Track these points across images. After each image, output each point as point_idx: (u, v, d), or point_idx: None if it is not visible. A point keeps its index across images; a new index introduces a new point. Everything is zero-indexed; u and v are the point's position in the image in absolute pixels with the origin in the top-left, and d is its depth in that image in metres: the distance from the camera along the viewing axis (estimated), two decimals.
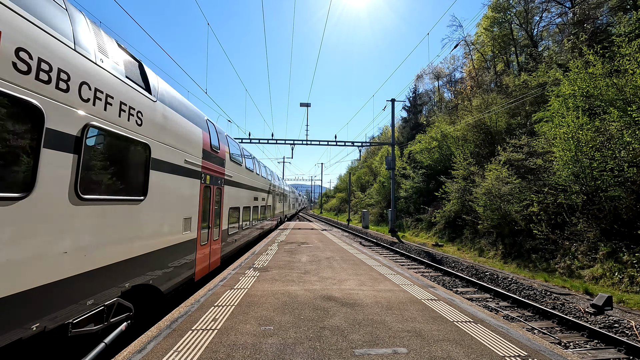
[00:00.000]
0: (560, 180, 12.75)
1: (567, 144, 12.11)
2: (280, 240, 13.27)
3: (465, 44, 38.26)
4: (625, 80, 11.18)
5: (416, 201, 27.65)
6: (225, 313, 4.40)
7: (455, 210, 19.40)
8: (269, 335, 3.68)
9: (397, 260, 13.81)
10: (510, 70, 31.01)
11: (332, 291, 5.62)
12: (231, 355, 3.20)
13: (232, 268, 7.42)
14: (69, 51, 3.29)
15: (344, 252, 10.27)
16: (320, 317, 4.30)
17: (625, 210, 10.59)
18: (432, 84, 49.05)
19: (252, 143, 25.83)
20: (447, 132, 25.66)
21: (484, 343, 3.60)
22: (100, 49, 3.92)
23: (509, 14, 30.82)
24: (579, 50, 18.11)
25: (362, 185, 54.70)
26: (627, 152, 10.86)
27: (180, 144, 5.84)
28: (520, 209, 14.23)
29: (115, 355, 3.23)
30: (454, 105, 36.43)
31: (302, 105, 28.64)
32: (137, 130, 4.46)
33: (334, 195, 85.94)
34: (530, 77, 21.33)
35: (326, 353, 3.27)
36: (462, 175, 20.02)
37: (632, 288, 8.77)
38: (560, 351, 3.47)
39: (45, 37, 3.01)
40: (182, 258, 5.92)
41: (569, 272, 10.71)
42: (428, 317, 4.39)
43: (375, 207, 37.77)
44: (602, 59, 12.83)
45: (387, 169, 28.38)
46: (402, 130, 45.72)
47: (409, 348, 3.42)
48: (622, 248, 9.95)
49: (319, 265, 7.93)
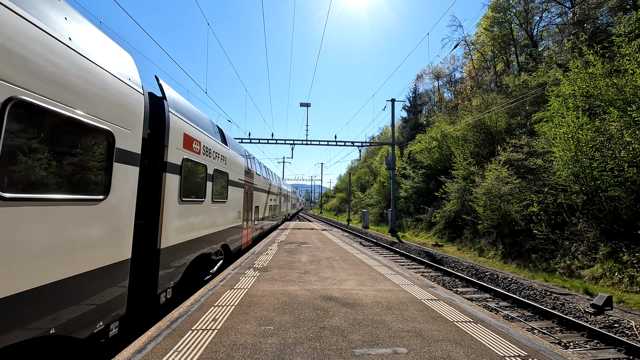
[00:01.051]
0: (560, 180, 12.75)
1: (567, 144, 12.11)
2: (280, 240, 13.27)
3: (465, 44, 38.28)
4: (625, 80, 11.18)
5: (416, 201, 27.65)
6: (225, 313, 4.40)
7: (455, 210, 19.40)
8: (269, 335, 3.68)
9: (397, 260, 13.81)
10: (510, 70, 31.01)
11: (332, 291, 5.62)
12: (231, 355, 3.20)
13: (232, 268, 7.42)
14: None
15: (344, 252, 10.26)
16: (320, 317, 4.30)
17: (625, 210, 10.59)
18: (432, 84, 49.11)
19: (252, 143, 25.81)
20: (447, 132, 25.66)
21: (484, 343, 3.60)
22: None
23: (509, 14, 30.82)
24: (579, 50, 18.12)
25: (362, 185, 54.69)
26: (627, 152, 10.86)
27: (237, 169, 9.80)
28: (520, 209, 14.23)
29: (116, 355, 3.23)
30: (454, 105, 36.44)
31: (302, 105, 28.64)
32: (224, 168, 8.19)
33: (334, 195, 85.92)
34: (530, 77, 21.33)
35: (326, 353, 3.27)
36: (462, 175, 20.02)
37: (632, 288, 8.77)
38: (560, 351, 3.47)
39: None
40: (237, 234, 9.84)
41: (569, 272, 10.71)
42: (428, 317, 4.39)
43: (375, 207, 37.77)
44: (602, 59, 12.83)
45: (387, 169, 28.39)
46: (402, 130, 45.72)
47: (409, 348, 3.42)
48: (622, 248, 9.95)
49: (319, 265, 7.93)
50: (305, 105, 28.45)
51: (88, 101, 3.17)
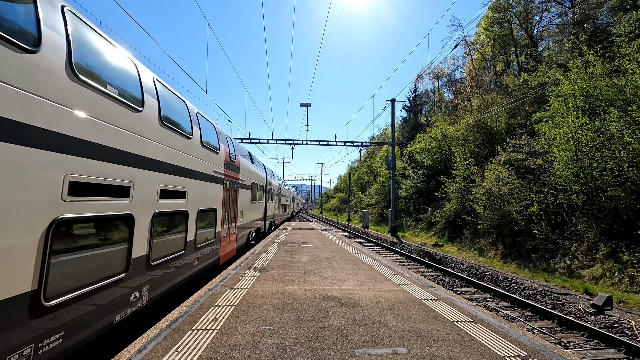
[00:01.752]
0: (560, 180, 12.74)
1: (567, 144, 12.10)
2: (280, 240, 13.27)
3: (465, 44, 38.26)
4: (625, 80, 11.18)
5: (416, 201, 27.64)
6: (225, 313, 4.40)
7: (455, 210, 19.39)
8: (269, 335, 3.68)
9: (397, 260, 13.81)
10: (510, 70, 30.99)
11: (332, 291, 5.62)
12: (231, 356, 3.20)
13: (232, 268, 7.42)
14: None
15: (344, 252, 10.27)
16: (320, 317, 4.30)
17: (625, 210, 10.59)
18: (432, 84, 49.09)
19: (252, 143, 25.82)
20: (447, 132, 25.64)
21: (484, 343, 3.60)
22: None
23: (509, 14, 30.80)
24: (579, 50, 18.11)
25: (362, 185, 54.67)
26: (627, 152, 10.85)
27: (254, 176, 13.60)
28: (520, 209, 14.23)
29: (116, 355, 3.23)
30: (454, 105, 36.44)
31: (302, 105, 28.63)
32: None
33: (334, 195, 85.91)
34: (530, 77, 21.32)
35: (326, 353, 3.27)
36: (462, 175, 20.01)
37: (632, 288, 8.77)
38: (560, 351, 3.47)
39: None
40: (260, 223, 13.41)
41: (569, 272, 10.71)
42: (428, 317, 4.39)
43: (375, 207, 37.76)
44: (602, 59, 12.83)
45: (387, 169, 28.38)
46: (402, 130, 45.71)
47: (409, 348, 3.42)
48: (622, 248, 9.94)
49: (319, 265, 7.93)
50: (305, 105, 28.44)
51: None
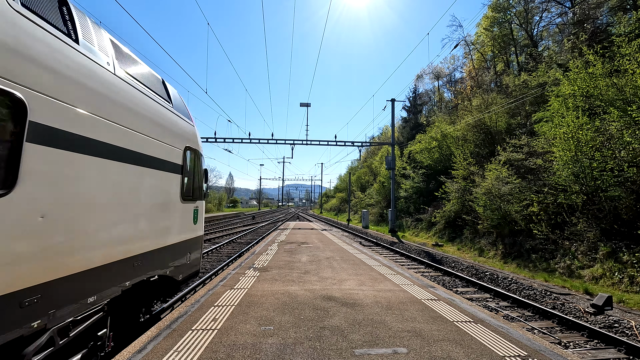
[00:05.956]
0: (560, 180, 12.74)
1: (567, 144, 12.10)
2: (280, 240, 13.27)
3: (465, 44, 38.23)
4: (625, 80, 11.17)
5: (416, 201, 27.64)
6: (225, 313, 4.40)
7: (455, 210, 19.38)
8: (269, 335, 3.68)
9: (397, 260, 13.80)
10: (510, 70, 30.99)
11: (332, 291, 5.62)
12: (231, 355, 3.20)
13: (232, 268, 7.42)
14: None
15: (344, 252, 10.26)
16: (320, 317, 4.30)
17: (625, 210, 10.59)
18: (432, 84, 49.03)
19: (252, 143, 25.84)
20: (447, 132, 25.64)
21: (484, 343, 3.60)
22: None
23: (509, 14, 30.79)
24: (579, 50, 18.10)
25: (362, 185, 54.67)
26: (627, 152, 10.85)
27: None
28: (520, 209, 14.22)
29: (116, 355, 3.23)
30: (454, 105, 36.44)
31: (302, 105, 28.63)
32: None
33: (334, 195, 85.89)
34: (530, 77, 21.30)
35: (326, 353, 3.27)
36: (462, 175, 20.00)
37: (632, 288, 8.76)
38: (560, 351, 3.47)
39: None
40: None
41: (569, 272, 10.71)
42: (428, 317, 4.39)
43: (375, 207, 37.76)
44: (602, 59, 12.81)
45: (387, 169, 28.38)
46: (402, 130, 45.70)
47: (409, 348, 3.42)
48: (622, 248, 9.94)
49: (319, 265, 7.93)
50: (305, 105, 28.45)
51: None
